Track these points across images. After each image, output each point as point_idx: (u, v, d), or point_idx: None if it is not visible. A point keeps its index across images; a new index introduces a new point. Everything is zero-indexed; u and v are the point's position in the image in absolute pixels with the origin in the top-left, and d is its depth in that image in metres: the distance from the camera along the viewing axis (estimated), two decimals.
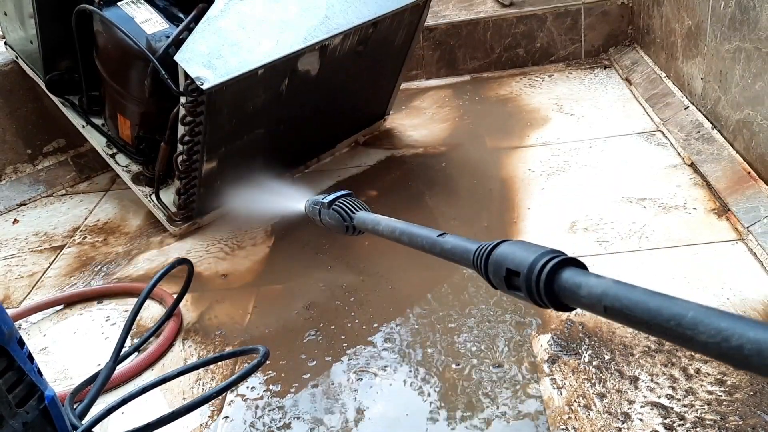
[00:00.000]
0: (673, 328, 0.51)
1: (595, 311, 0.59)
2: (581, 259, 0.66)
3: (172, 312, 1.73)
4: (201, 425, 1.43)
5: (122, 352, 1.55)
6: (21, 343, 0.93)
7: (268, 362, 1.56)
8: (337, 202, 1.20)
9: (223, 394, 1.50)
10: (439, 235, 0.87)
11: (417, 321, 1.63)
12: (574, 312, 1.57)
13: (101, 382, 1.40)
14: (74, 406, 1.30)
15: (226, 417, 1.44)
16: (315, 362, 1.55)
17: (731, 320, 0.48)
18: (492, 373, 1.44)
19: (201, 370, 1.59)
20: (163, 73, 1.78)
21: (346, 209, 1.18)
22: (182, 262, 1.69)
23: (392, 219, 1.02)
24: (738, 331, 0.47)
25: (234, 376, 1.26)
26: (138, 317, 1.68)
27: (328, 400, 1.44)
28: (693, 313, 0.50)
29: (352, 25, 1.97)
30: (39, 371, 0.96)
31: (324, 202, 1.22)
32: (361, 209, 1.18)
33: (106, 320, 1.83)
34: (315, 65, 2.00)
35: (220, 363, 1.59)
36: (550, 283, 0.64)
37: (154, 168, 2.12)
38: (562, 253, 0.65)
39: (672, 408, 1.28)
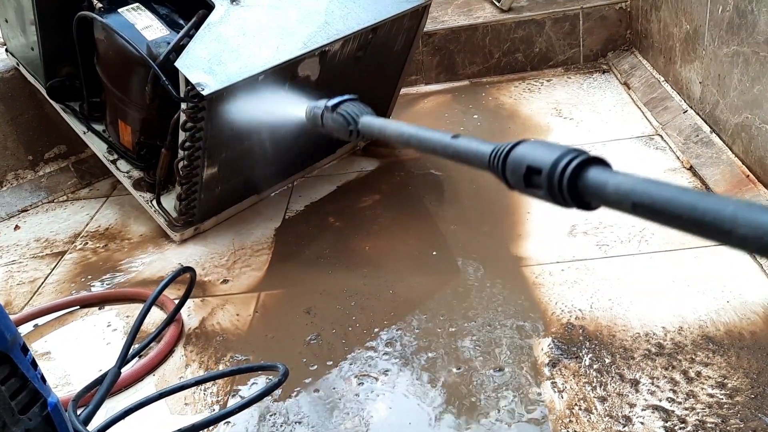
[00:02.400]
0: (710, 222, 0.49)
1: (623, 209, 0.58)
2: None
3: (173, 318, 1.73)
4: (204, 430, 1.43)
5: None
6: (24, 349, 0.93)
7: (268, 363, 1.57)
8: (341, 106, 1.14)
9: (226, 399, 1.51)
10: (452, 137, 0.84)
11: (418, 325, 1.64)
12: (574, 315, 1.57)
13: (106, 387, 1.40)
14: (77, 412, 1.30)
15: (228, 421, 1.44)
16: (316, 367, 1.56)
17: None
18: (493, 377, 1.44)
19: (197, 375, 1.59)
20: (164, 79, 1.78)
21: (351, 113, 1.12)
22: (186, 270, 1.70)
23: (401, 122, 0.99)
24: None
25: (254, 394, 1.27)
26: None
27: (330, 404, 1.45)
28: (733, 207, 0.48)
29: (351, 31, 1.98)
30: (42, 377, 0.96)
31: (328, 106, 1.15)
32: (366, 113, 1.15)
33: (108, 326, 1.83)
34: (315, 71, 2.01)
35: (217, 367, 1.60)
36: (574, 180, 0.62)
37: (155, 174, 2.13)
38: (586, 152, 0.64)
39: (673, 411, 1.28)
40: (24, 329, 1.86)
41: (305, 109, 1.27)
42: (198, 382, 1.44)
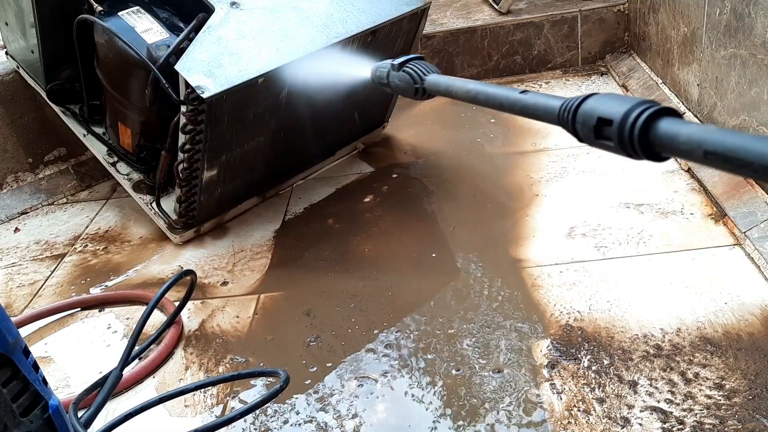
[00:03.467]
0: None
1: (694, 158, 0.59)
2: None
3: (173, 320, 1.74)
4: None
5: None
6: (26, 352, 0.93)
7: (268, 366, 1.58)
8: (408, 65, 1.15)
9: (225, 401, 1.51)
10: (521, 92, 0.86)
11: (417, 327, 1.64)
12: (573, 317, 1.58)
13: (108, 390, 1.40)
14: (78, 415, 1.30)
15: None
16: (315, 368, 1.56)
17: None
18: (492, 378, 1.44)
19: (199, 378, 1.59)
20: (164, 82, 1.79)
21: (417, 71, 1.13)
22: (187, 273, 1.70)
23: (467, 80, 1.00)
24: None
25: (255, 401, 1.29)
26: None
27: (329, 406, 1.45)
28: None
29: (350, 34, 1.99)
30: (44, 380, 0.96)
31: (394, 64, 1.17)
32: (433, 72, 1.14)
33: (108, 328, 1.84)
34: None
35: (217, 370, 1.60)
36: (645, 132, 0.63)
37: (155, 176, 2.13)
38: (658, 103, 0.65)
39: (671, 412, 1.29)
40: (24, 331, 1.86)
41: (371, 69, 1.28)
42: (198, 387, 1.45)
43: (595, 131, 0.70)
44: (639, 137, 0.63)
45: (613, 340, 1.49)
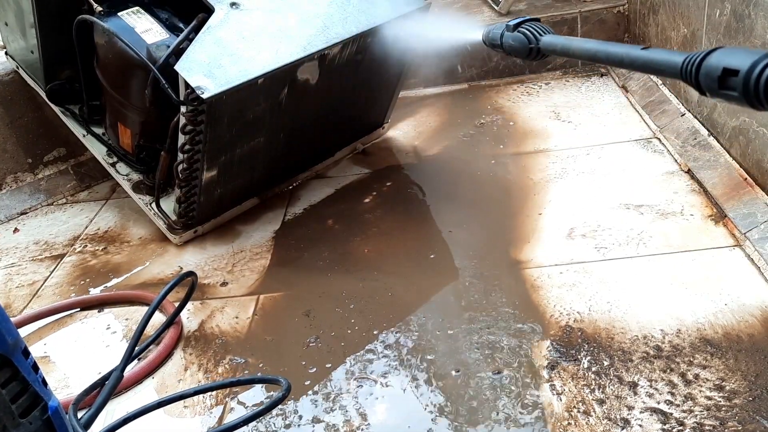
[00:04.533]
0: None
1: None
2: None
3: (172, 320, 1.74)
4: None
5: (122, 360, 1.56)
6: (26, 352, 0.93)
7: (267, 367, 1.58)
8: (523, 25, 1.16)
9: (225, 402, 1.51)
10: (642, 48, 0.88)
11: (417, 328, 1.64)
12: (573, 318, 1.58)
13: (109, 391, 1.40)
14: (79, 415, 1.30)
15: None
16: (315, 369, 1.56)
17: None
18: (492, 379, 1.44)
19: (198, 378, 1.59)
20: (164, 82, 1.79)
21: (534, 31, 1.14)
22: (189, 274, 1.70)
23: (585, 39, 1.00)
24: None
25: (256, 411, 1.30)
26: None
27: (329, 407, 1.45)
28: None
29: (350, 35, 1.99)
30: (44, 381, 0.96)
31: (509, 25, 1.18)
32: (548, 33, 1.14)
33: (107, 328, 1.84)
34: (314, 74, 2.01)
35: (216, 370, 1.60)
36: None
37: (155, 177, 2.13)
38: None
39: (671, 414, 1.29)
40: (23, 332, 1.86)
41: (483, 31, 1.29)
42: (197, 392, 1.45)
43: (720, 82, 0.71)
44: (765, 88, 0.64)
45: (613, 341, 1.49)
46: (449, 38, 1.72)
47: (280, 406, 1.46)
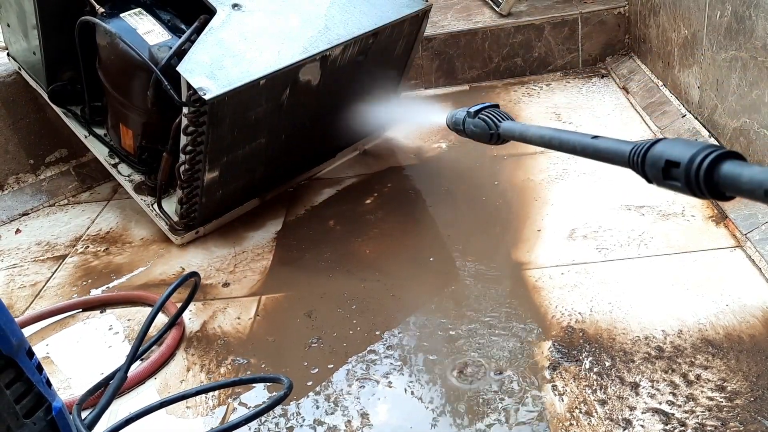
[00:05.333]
0: None
1: (755, 197, 0.63)
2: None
3: (175, 321, 1.74)
4: None
5: (123, 361, 1.56)
6: (30, 353, 0.93)
7: (269, 368, 1.58)
8: (483, 112, 1.22)
9: (227, 402, 1.51)
10: (592, 137, 0.91)
11: (418, 328, 1.64)
12: (574, 319, 1.58)
13: (113, 391, 1.41)
14: (83, 416, 1.31)
15: None
16: (317, 370, 1.56)
17: None
18: (494, 379, 1.45)
19: (200, 379, 1.60)
20: (166, 83, 1.79)
21: (493, 118, 1.19)
22: (192, 275, 1.70)
23: (540, 126, 1.05)
24: None
25: (258, 409, 1.31)
26: (141, 326, 1.69)
27: (331, 407, 1.45)
28: None
29: (352, 36, 1.99)
30: (48, 382, 0.96)
31: (470, 112, 1.24)
32: (507, 119, 1.18)
33: (109, 329, 1.84)
34: (316, 75, 2.02)
35: (218, 371, 1.60)
36: (710, 173, 0.68)
37: (156, 178, 2.13)
38: (722, 147, 0.69)
39: (673, 414, 1.29)
40: (25, 333, 1.86)
41: (447, 115, 1.35)
42: (199, 392, 1.45)
43: (664, 173, 0.75)
44: (704, 179, 0.68)
45: (614, 341, 1.50)
46: (418, 121, 1.84)
47: (282, 407, 1.47)
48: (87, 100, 2.30)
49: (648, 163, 0.78)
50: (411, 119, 1.96)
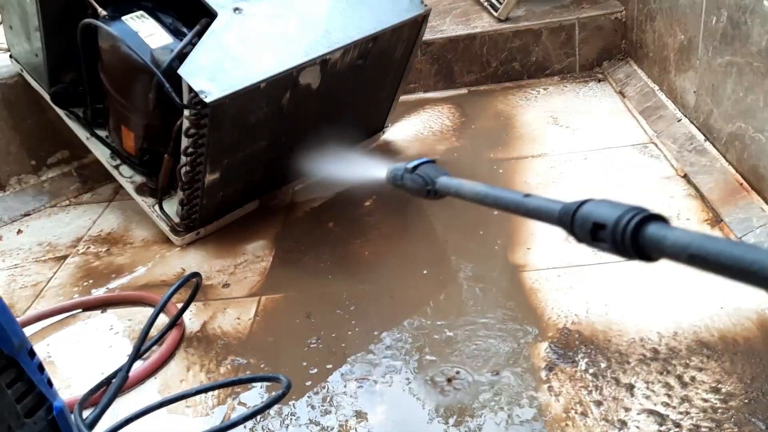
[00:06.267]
0: (756, 271, 0.57)
1: (679, 260, 0.64)
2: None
3: (175, 322, 1.75)
4: None
5: (124, 360, 1.58)
6: (32, 353, 0.94)
7: (269, 368, 1.60)
8: (420, 168, 1.24)
9: (226, 402, 1.53)
10: (524, 196, 0.93)
11: (417, 329, 1.66)
12: (570, 320, 1.60)
13: (114, 390, 1.42)
14: (84, 415, 1.32)
15: None
16: (316, 370, 1.58)
17: None
18: (490, 381, 1.46)
19: (200, 379, 1.61)
20: (168, 86, 1.81)
21: (429, 174, 1.22)
22: (193, 275, 1.72)
23: (475, 182, 1.07)
24: None
25: (257, 407, 1.33)
26: (141, 327, 1.71)
27: (329, 407, 1.47)
28: None
29: (352, 40, 2.01)
30: (49, 381, 0.97)
31: (408, 167, 1.26)
32: (443, 174, 1.22)
33: (110, 329, 1.85)
34: (316, 79, 2.04)
35: (218, 371, 1.62)
36: (635, 235, 0.69)
37: (158, 179, 2.15)
38: (647, 209, 0.71)
39: (668, 416, 1.31)
40: (26, 332, 1.87)
41: (386, 171, 1.40)
42: (198, 392, 1.47)
43: (591, 234, 0.76)
44: (630, 240, 0.69)
45: (610, 343, 1.51)
46: (360, 175, 1.88)
47: (280, 407, 1.48)
48: (89, 102, 2.31)
49: (576, 224, 0.79)
50: (350, 173, 2.01)
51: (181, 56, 1.84)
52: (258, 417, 1.46)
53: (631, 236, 0.69)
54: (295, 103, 2.04)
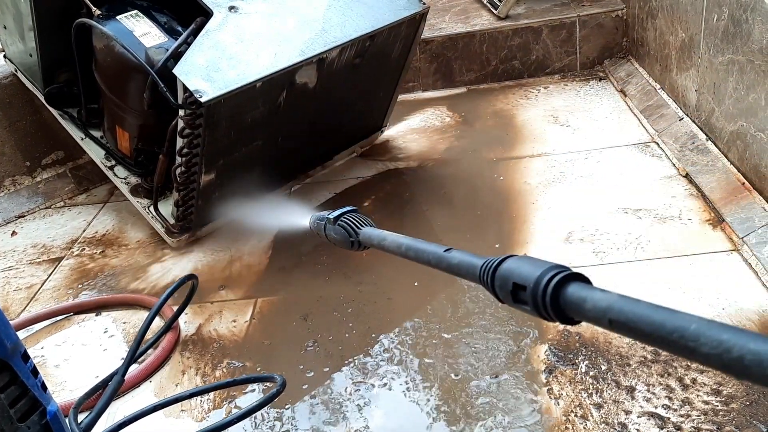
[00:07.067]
0: (676, 340, 0.52)
1: (601, 324, 0.61)
2: (578, 269, 0.68)
3: (170, 325, 1.73)
4: None
5: (119, 363, 1.56)
6: (25, 357, 0.93)
7: (265, 371, 1.58)
8: (342, 218, 1.21)
9: (222, 405, 1.51)
10: (445, 251, 0.88)
11: (415, 332, 1.64)
12: None
13: (110, 394, 1.40)
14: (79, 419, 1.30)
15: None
16: (313, 373, 1.56)
17: (732, 332, 0.49)
18: (490, 383, 1.44)
19: (196, 382, 1.59)
20: (162, 86, 1.79)
21: (352, 225, 1.19)
22: (190, 278, 1.70)
23: (398, 235, 1.04)
24: (739, 342, 0.48)
25: (251, 405, 1.30)
26: (136, 329, 1.69)
27: (327, 411, 1.45)
28: (695, 325, 0.52)
29: (349, 38, 1.99)
30: (43, 385, 0.96)
31: (330, 218, 1.22)
32: (366, 225, 1.19)
33: (105, 332, 1.83)
34: (313, 78, 2.02)
35: (214, 374, 1.60)
36: (555, 297, 0.65)
37: (153, 180, 2.13)
38: (567, 268, 0.67)
39: (669, 418, 1.29)
40: (20, 335, 1.86)
41: (310, 219, 1.34)
42: (193, 394, 1.45)
43: (512, 295, 0.72)
44: (551, 302, 0.65)
45: (610, 345, 1.49)
46: (283, 221, 1.84)
47: (277, 410, 1.46)
48: (83, 102, 2.30)
49: (497, 283, 0.74)
50: (274, 220, 1.98)
51: (176, 55, 1.83)
52: (255, 421, 1.44)
53: (551, 298, 0.65)
54: (291, 103, 2.02)
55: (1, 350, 0.88)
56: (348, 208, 1.22)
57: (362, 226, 1.17)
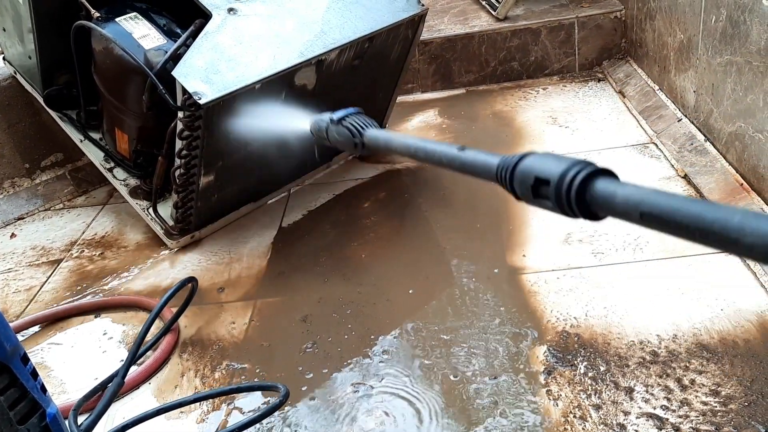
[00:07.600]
0: (718, 231, 0.50)
1: (631, 219, 0.58)
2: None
3: (169, 327, 1.73)
4: None
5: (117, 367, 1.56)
6: (25, 359, 0.93)
7: (264, 373, 1.58)
8: (346, 119, 1.13)
9: (222, 408, 1.51)
10: (459, 149, 0.84)
11: (414, 333, 1.64)
12: (569, 323, 1.58)
13: (110, 396, 1.40)
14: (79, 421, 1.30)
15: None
16: (312, 375, 1.56)
17: None
18: (489, 384, 1.44)
19: (195, 384, 1.59)
20: (161, 88, 1.79)
21: (357, 126, 1.11)
22: (190, 280, 1.70)
23: (406, 135, 0.98)
24: None
25: (253, 416, 1.31)
26: (135, 331, 1.69)
27: (326, 412, 1.45)
28: (740, 216, 0.49)
29: (348, 40, 1.99)
30: (43, 388, 0.96)
31: (333, 119, 1.15)
32: (371, 126, 1.12)
33: (104, 334, 1.83)
34: (312, 79, 2.02)
35: (213, 376, 1.60)
36: (582, 191, 0.63)
37: (152, 182, 2.13)
38: (594, 164, 0.64)
39: (667, 419, 1.29)
40: (19, 337, 1.86)
41: (310, 122, 1.26)
42: (196, 400, 1.45)
43: (533, 191, 0.69)
44: (576, 197, 0.63)
45: (609, 346, 1.49)
46: (278, 126, 1.70)
47: (277, 413, 1.46)
48: (82, 104, 2.30)
49: (517, 180, 0.71)
50: (272, 124, 1.83)
51: (175, 57, 1.83)
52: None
53: (577, 192, 0.62)
54: (290, 105, 2.02)
55: (1, 352, 0.88)
56: (352, 110, 1.15)
57: (367, 127, 1.11)
